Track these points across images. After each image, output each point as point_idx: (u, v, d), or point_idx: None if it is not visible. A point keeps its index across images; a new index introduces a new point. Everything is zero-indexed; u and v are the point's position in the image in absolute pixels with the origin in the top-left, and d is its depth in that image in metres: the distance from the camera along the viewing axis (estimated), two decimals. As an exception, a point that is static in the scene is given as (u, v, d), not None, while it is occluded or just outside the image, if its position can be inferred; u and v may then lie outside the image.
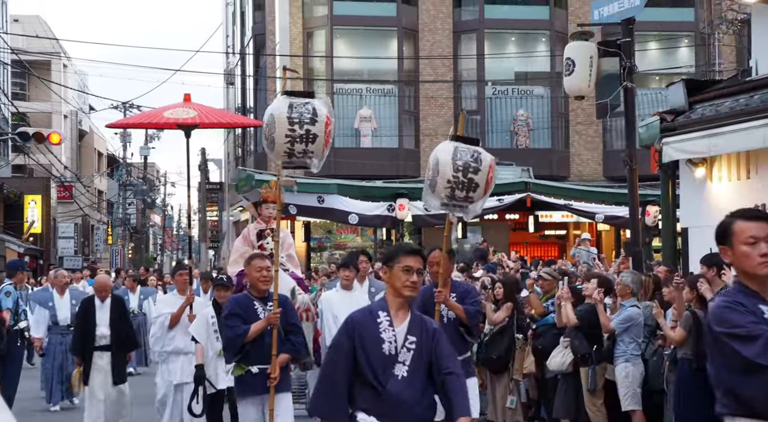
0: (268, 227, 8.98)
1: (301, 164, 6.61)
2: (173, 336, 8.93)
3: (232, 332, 6.52)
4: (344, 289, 8.72)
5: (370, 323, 4.32)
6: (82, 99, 43.44)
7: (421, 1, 26.39)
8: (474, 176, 6.50)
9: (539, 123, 26.35)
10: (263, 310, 6.61)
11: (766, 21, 10.82)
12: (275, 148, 6.49)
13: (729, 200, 10.61)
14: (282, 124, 6.40)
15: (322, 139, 6.48)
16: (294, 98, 6.53)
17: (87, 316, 9.42)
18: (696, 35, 26.48)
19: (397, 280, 4.32)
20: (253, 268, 6.72)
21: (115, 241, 45.04)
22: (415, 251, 4.39)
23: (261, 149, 27.53)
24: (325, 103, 6.64)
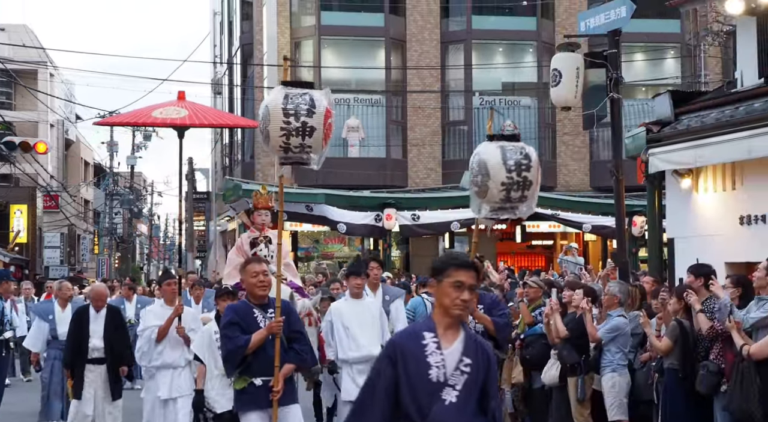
0: (262, 235, 8.66)
1: (298, 159, 6.15)
2: (161, 351, 8.38)
3: (231, 343, 6.03)
4: (354, 298, 8.08)
5: (414, 346, 3.76)
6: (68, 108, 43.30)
7: (409, 11, 26.46)
8: (527, 174, 6.22)
9: (526, 133, 26.40)
10: (264, 318, 6.13)
11: (751, 33, 10.90)
12: (270, 142, 6.09)
13: (715, 211, 10.68)
14: (277, 116, 5.98)
15: (320, 132, 6.01)
16: (291, 89, 6.10)
17: (80, 326, 8.86)
18: (682, 47, 26.64)
19: (446, 297, 3.78)
20: (249, 273, 6.22)
21: (102, 251, 44.86)
22: (468, 264, 3.83)
23: (248, 158, 27.56)
24: (325, 94, 6.16)
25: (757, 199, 9.99)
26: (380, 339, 7.74)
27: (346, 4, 26.42)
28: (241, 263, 8.19)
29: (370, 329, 7.88)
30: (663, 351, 7.60)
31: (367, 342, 7.82)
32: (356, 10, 26.21)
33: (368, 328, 7.88)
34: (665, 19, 25.63)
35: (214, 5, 37.44)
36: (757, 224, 9.95)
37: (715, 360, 7.28)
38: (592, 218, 21.29)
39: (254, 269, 6.21)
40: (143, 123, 8.28)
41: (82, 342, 8.77)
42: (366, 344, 7.82)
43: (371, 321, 7.94)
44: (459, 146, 26.50)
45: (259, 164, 26.11)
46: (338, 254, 25.15)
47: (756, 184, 10.03)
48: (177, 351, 8.26)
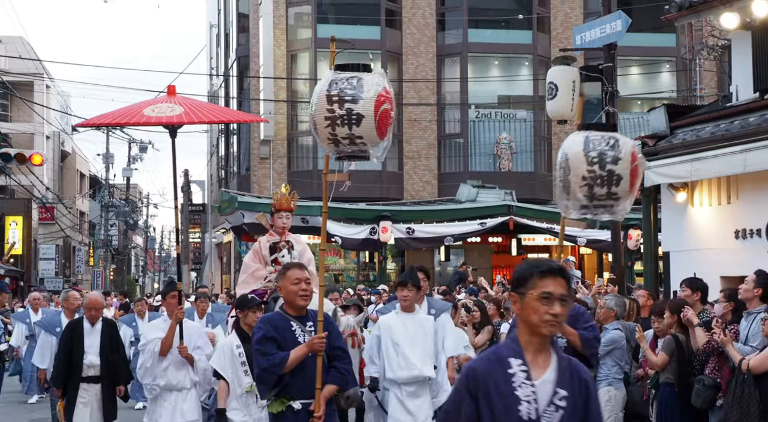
0: (283, 239, 7.96)
1: (354, 152, 5.33)
2: (166, 367, 7.47)
3: (266, 361, 5.23)
4: (405, 311, 7.18)
5: (499, 375, 3.12)
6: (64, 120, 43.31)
7: (405, 24, 26.53)
8: (614, 167, 5.45)
9: (522, 146, 26.47)
10: (303, 332, 5.36)
11: (746, 47, 10.92)
12: (318, 133, 5.34)
13: (710, 225, 10.68)
14: (321, 103, 5.22)
15: (370, 120, 5.16)
16: (339, 72, 5.30)
17: (73, 341, 8.02)
18: (677, 61, 26.73)
19: (533, 313, 3.14)
20: (290, 280, 5.38)
21: (97, 263, 44.77)
22: (555, 270, 3.19)
23: (244, 170, 27.56)
24: (379, 74, 5.31)
25: (752, 213, 9.99)
26: (433, 359, 7.10)
27: (343, 17, 26.47)
28: (258, 271, 7.73)
29: (421, 346, 7.04)
30: (659, 366, 7.58)
31: (418, 361, 7.01)
32: (352, 23, 26.27)
33: (420, 345, 7.04)
34: (661, 33, 25.73)
35: (211, 17, 37.50)
36: (753, 238, 9.94)
37: (710, 374, 7.27)
38: (588, 232, 21.29)
39: (296, 276, 5.38)
40: (134, 123, 7.36)
41: (77, 359, 7.98)
42: (417, 363, 7.00)
43: (423, 337, 7.08)
44: (455, 159, 26.53)
45: (255, 177, 26.10)
46: (333, 267, 25.11)
47: (751, 198, 10.03)
48: (182, 371, 7.48)
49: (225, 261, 32.95)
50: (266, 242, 7.96)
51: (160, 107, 7.31)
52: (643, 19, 21.68)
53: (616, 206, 5.57)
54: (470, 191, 22.67)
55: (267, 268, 7.79)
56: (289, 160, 26.11)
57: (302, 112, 26.53)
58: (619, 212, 5.63)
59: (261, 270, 7.79)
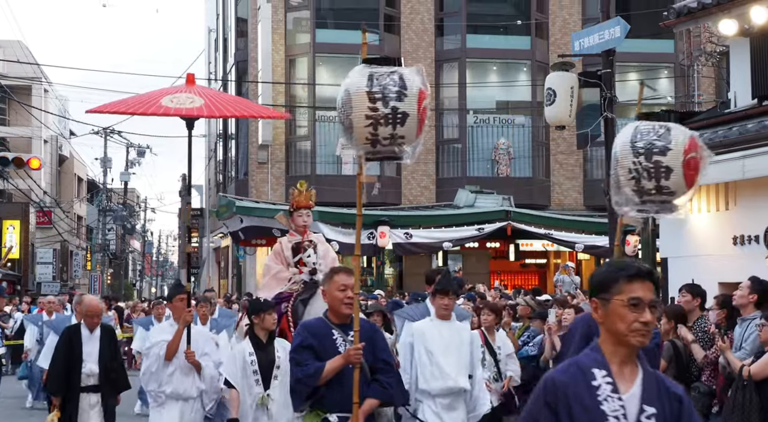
0: (306, 239, 7.63)
1: (389, 153, 4.99)
2: (172, 373, 7.04)
3: (301, 371, 4.95)
4: (441, 319, 6.71)
5: (582, 388, 2.86)
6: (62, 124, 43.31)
7: (404, 29, 26.55)
8: (661, 158, 4.98)
9: (520, 152, 26.48)
10: (344, 341, 5.05)
11: (745, 54, 10.93)
12: (354, 134, 4.89)
13: (708, 231, 10.68)
14: (361, 101, 4.81)
15: (414, 119, 4.85)
16: (376, 67, 4.93)
17: (72, 349, 7.62)
18: (675, 67, 26.75)
19: (619, 320, 2.88)
20: (335, 285, 5.11)
21: (94, 267, 44.74)
22: (643, 273, 2.92)
23: (242, 175, 27.53)
24: (417, 72, 4.97)
25: (750, 219, 9.99)
26: (468, 369, 6.68)
27: (341, 22, 26.49)
28: (280, 273, 7.42)
29: (456, 356, 6.62)
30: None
31: (453, 371, 6.56)
32: (351, 28, 26.27)
33: (455, 355, 6.62)
34: (659, 40, 25.76)
35: (210, 22, 37.52)
36: (751, 244, 9.94)
37: (706, 381, 7.26)
38: (586, 238, 21.30)
39: (344, 282, 5.11)
40: (151, 113, 6.84)
41: (75, 367, 7.57)
42: (452, 373, 6.56)
43: (459, 346, 6.66)
44: (453, 164, 26.53)
45: (253, 181, 26.09)
46: (331, 272, 25.05)
47: (749, 204, 10.03)
48: (188, 378, 7.03)
49: (223, 266, 32.91)
50: (288, 243, 7.62)
51: (179, 98, 6.84)
52: (641, 25, 21.70)
53: (669, 201, 5.09)
54: (468, 197, 22.67)
55: (290, 269, 7.50)
56: (287, 165, 26.10)
57: (300, 117, 26.52)
58: (673, 209, 5.13)
59: (284, 272, 7.50)
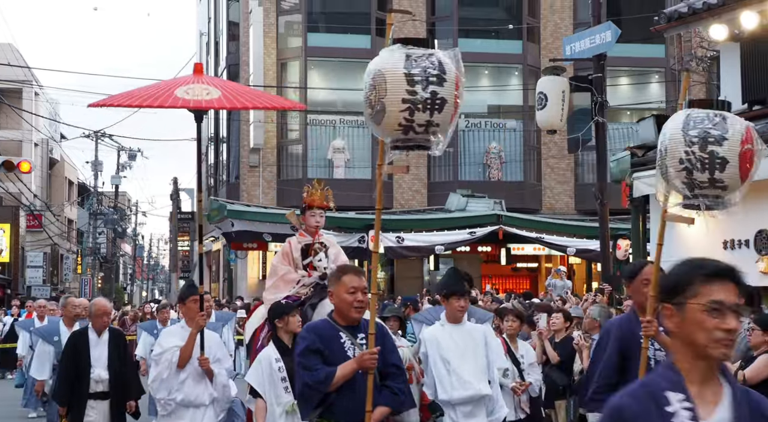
0: (317, 241, 7.25)
1: (421, 142, 4.51)
2: (184, 380, 6.59)
3: (310, 376, 4.60)
4: (453, 322, 6.25)
5: (654, 415, 2.39)
6: (53, 127, 43.21)
7: (395, 33, 26.51)
8: (717, 148, 4.59)
9: (512, 156, 26.52)
10: (353, 345, 4.71)
11: (735, 59, 10.97)
12: (386, 119, 4.39)
13: (698, 236, 10.69)
14: (398, 83, 4.35)
15: (451, 106, 4.43)
16: (412, 48, 4.50)
17: (79, 354, 7.28)
18: (666, 71, 26.83)
19: (698, 329, 2.44)
20: (345, 287, 4.74)
21: (85, 270, 44.61)
22: (726, 271, 2.49)
23: (234, 179, 27.50)
24: (452, 55, 4.56)
25: (740, 224, 10.01)
26: (486, 373, 6.22)
27: (333, 26, 26.50)
28: (288, 274, 7.01)
29: (473, 360, 6.17)
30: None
31: (472, 378, 6.11)
32: (343, 32, 26.30)
33: (471, 359, 6.17)
34: (650, 44, 25.84)
35: (201, 25, 37.49)
36: (741, 248, 9.97)
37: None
38: (577, 242, 21.33)
39: (353, 284, 4.74)
40: (168, 106, 6.35)
41: (83, 373, 7.24)
42: (471, 379, 6.10)
43: (474, 349, 6.21)
44: (444, 168, 26.55)
45: (244, 185, 26.06)
46: (323, 276, 25.05)
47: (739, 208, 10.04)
48: (201, 384, 6.62)
49: (214, 270, 32.86)
50: (297, 244, 7.20)
51: (193, 89, 6.35)
52: (632, 29, 21.77)
53: (723, 196, 4.73)
54: (460, 201, 22.68)
55: (299, 272, 7.13)
56: (278, 168, 26.09)
57: (292, 120, 26.52)
58: (726, 204, 4.79)
59: (291, 274, 7.08)
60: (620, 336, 5.08)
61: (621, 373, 5.04)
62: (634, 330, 4.99)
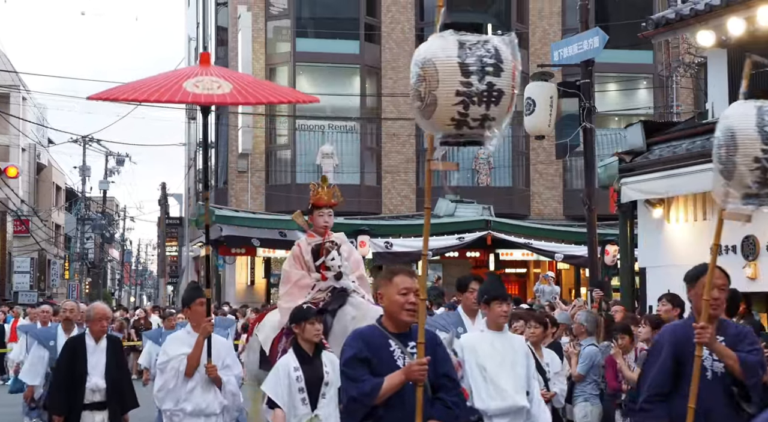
0: (327, 240, 6.89)
1: (475, 137, 4.15)
2: (192, 389, 6.22)
3: (356, 388, 4.25)
4: (495, 330, 5.87)
5: None
6: (41, 132, 43.07)
7: (384, 39, 26.58)
8: None
9: (500, 162, 26.55)
10: (403, 354, 4.33)
11: (722, 65, 11.02)
12: (437, 113, 4.03)
13: (686, 241, 10.73)
14: (451, 73, 3.96)
15: (508, 97, 4.08)
16: (465, 35, 4.08)
17: (75, 361, 6.94)
18: (654, 77, 26.93)
19: None
20: (396, 288, 4.38)
21: (72, 276, 44.45)
22: None
23: (222, 184, 27.45)
24: (508, 42, 4.17)
25: (728, 229, 9.94)
26: (526, 385, 5.87)
27: (322, 31, 26.51)
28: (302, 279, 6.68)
29: (511, 370, 5.82)
30: (636, 381, 7.58)
31: (510, 388, 5.74)
32: (331, 37, 26.30)
33: (509, 369, 5.81)
34: (638, 50, 25.92)
35: (189, 30, 37.45)
36: (728, 254, 10.00)
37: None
38: (565, 247, 21.37)
39: (405, 285, 4.38)
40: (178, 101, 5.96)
41: (79, 381, 6.90)
42: (509, 390, 5.72)
43: (515, 360, 5.85)
44: (433, 174, 26.53)
45: (233, 190, 26.02)
46: (311, 281, 25.03)
47: (727, 214, 10.08)
48: (209, 393, 6.27)
49: (202, 275, 32.77)
50: (307, 245, 6.83)
51: (203, 82, 5.88)
52: (620, 35, 21.83)
53: None
54: (448, 206, 22.70)
55: (312, 275, 6.77)
56: (267, 173, 26.06)
57: (280, 126, 26.50)
58: None
59: (305, 278, 6.74)
60: (675, 342, 4.90)
61: (674, 382, 4.87)
62: (691, 335, 4.79)
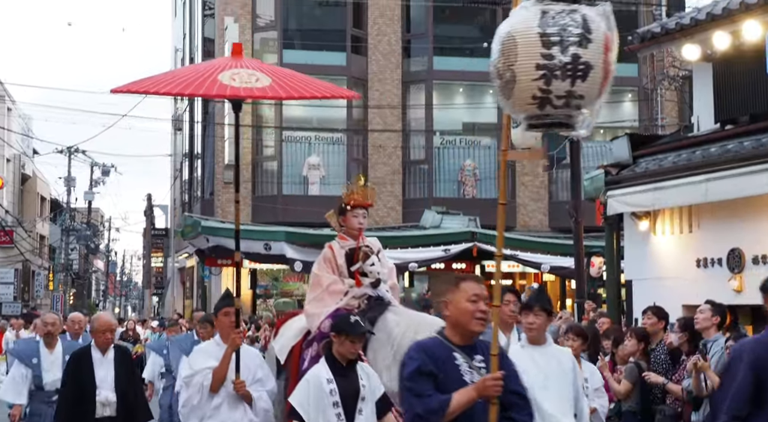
0: (363, 244, 6.38)
1: (561, 118, 3.75)
2: (218, 405, 5.76)
3: (422, 405, 3.85)
4: (534, 343, 5.44)
5: None
6: (26, 143, 42.88)
7: (371, 51, 26.63)
8: None
9: (486, 173, 26.60)
10: (470, 368, 3.95)
11: (707, 79, 11.09)
12: (516, 90, 3.65)
13: (672, 254, 10.77)
14: (530, 46, 3.59)
15: (598, 72, 3.67)
16: (550, 3, 3.70)
17: (82, 375, 6.61)
18: (639, 90, 27.06)
19: None
20: (465, 295, 4.01)
21: (57, 287, 44.19)
22: None
23: (208, 195, 27.38)
24: (603, 13, 3.74)
25: (713, 242, 10.10)
26: (573, 406, 5.34)
27: (308, 43, 26.53)
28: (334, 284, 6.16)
29: (557, 389, 5.27)
30: (623, 394, 7.59)
31: (556, 410, 5.19)
32: (318, 49, 26.32)
33: (555, 388, 5.26)
34: (623, 63, 25.88)
35: (176, 42, 37.42)
36: (714, 266, 10.04)
37: (671, 404, 7.30)
38: (551, 259, 21.39)
39: (475, 291, 4.02)
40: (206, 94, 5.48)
41: (88, 396, 6.56)
42: (555, 412, 5.18)
43: (560, 377, 5.33)
44: (419, 185, 26.60)
45: (219, 201, 25.96)
46: (297, 292, 24.98)
47: (712, 227, 10.14)
48: (238, 410, 5.79)
49: (188, 286, 32.66)
50: (340, 249, 6.32)
51: (240, 75, 5.47)
52: (606, 49, 21.94)
53: None
54: (434, 218, 22.71)
55: (346, 281, 6.25)
56: (253, 185, 26.01)
57: (267, 137, 26.47)
58: None
59: (338, 284, 6.21)
60: (754, 360, 4.62)
61: (755, 403, 4.61)
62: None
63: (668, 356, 7.50)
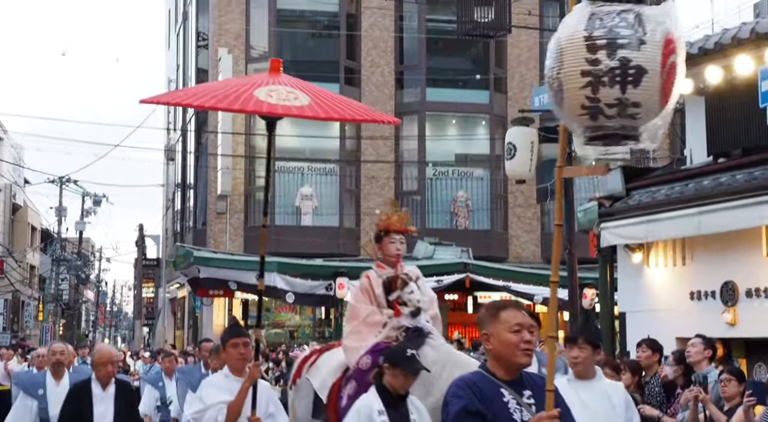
0: (401, 273, 6.02)
1: (618, 130, 3.40)
2: None
3: None
4: (581, 378, 5.20)
5: None
6: (17, 172, 42.83)
7: (364, 82, 26.76)
8: None
9: (479, 205, 26.66)
10: (519, 406, 3.56)
11: (700, 112, 11.16)
12: (566, 100, 3.36)
13: (665, 286, 10.79)
14: (576, 51, 3.27)
15: (654, 77, 3.23)
16: (602, 4, 3.31)
17: (81, 410, 6.32)
18: (631, 122, 27.21)
19: None
20: (506, 325, 3.61)
21: (46, 317, 43.94)
22: None
23: (200, 225, 27.34)
24: (665, 12, 3.31)
25: (706, 274, 10.11)
26: None
27: (302, 74, 26.47)
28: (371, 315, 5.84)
29: None
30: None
31: None
32: (311, 80, 26.34)
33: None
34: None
35: (170, 73, 37.54)
36: (707, 299, 10.05)
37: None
38: (543, 290, 21.38)
39: (517, 320, 3.62)
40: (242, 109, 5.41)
41: None
42: None
43: (610, 415, 5.08)
44: (412, 216, 26.55)
45: (211, 231, 25.92)
46: (289, 323, 24.91)
47: (706, 260, 10.17)
48: None
49: (179, 317, 32.51)
50: (377, 278, 5.99)
51: (278, 91, 5.23)
52: (597, 81, 22.09)
53: None
54: (427, 248, 22.71)
55: (384, 312, 5.89)
56: (246, 215, 26.01)
57: (260, 167, 26.50)
58: None
59: (376, 315, 5.86)
60: None
61: None
62: None
63: (663, 389, 7.48)
